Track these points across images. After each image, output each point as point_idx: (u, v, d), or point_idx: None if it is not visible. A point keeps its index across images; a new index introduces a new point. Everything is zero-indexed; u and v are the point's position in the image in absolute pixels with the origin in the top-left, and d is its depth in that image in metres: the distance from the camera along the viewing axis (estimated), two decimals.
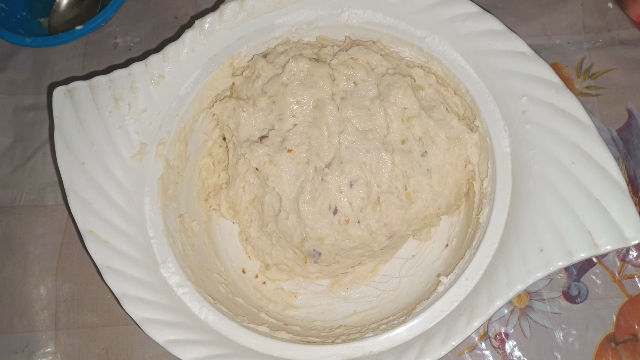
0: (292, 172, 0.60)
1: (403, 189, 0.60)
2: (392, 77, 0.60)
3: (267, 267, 0.66)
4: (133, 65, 0.60)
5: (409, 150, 0.60)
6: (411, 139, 0.60)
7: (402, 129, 0.60)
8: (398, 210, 0.59)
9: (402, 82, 0.60)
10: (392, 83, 0.60)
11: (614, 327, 0.62)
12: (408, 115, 0.60)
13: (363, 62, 0.61)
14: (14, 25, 0.79)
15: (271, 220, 0.63)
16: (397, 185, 0.59)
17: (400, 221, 0.60)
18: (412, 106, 0.59)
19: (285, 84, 0.61)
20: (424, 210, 0.60)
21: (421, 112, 0.59)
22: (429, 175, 0.60)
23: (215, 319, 0.54)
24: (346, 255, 0.61)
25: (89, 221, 0.56)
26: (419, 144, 0.60)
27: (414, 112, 0.59)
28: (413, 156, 0.59)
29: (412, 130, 0.60)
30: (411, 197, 0.60)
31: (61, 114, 0.59)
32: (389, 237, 0.60)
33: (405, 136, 0.60)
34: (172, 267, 0.56)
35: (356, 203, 0.59)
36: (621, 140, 0.68)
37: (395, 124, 0.60)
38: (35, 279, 0.69)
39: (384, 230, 0.60)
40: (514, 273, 0.50)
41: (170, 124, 0.60)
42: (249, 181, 0.64)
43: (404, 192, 0.60)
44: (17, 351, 0.67)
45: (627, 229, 0.48)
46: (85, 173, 0.57)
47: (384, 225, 0.60)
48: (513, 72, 0.56)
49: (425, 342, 0.51)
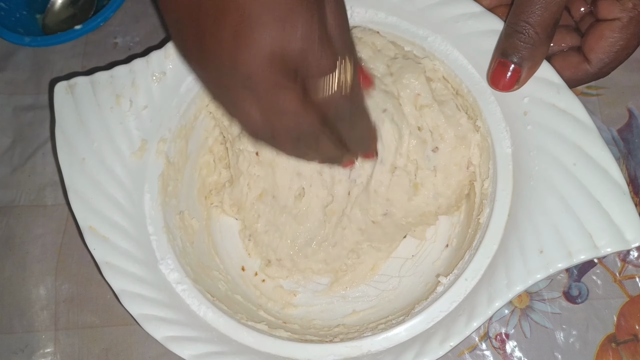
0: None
1: (413, 176, 0.60)
2: (406, 61, 0.60)
3: (268, 263, 0.66)
4: (134, 62, 0.60)
5: (423, 140, 0.60)
6: (426, 128, 0.60)
7: (416, 115, 0.60)
8: (403, 194, 0.60)
9: (416, 67, 0.59)
10: (406, 66, 0.59)
11: (615, 328, 0.62)
12: (420, 103, 0.59)
13: (368, 42, 0.61)
14: (13, 24, 0.79)
15: (289, 200, 0.63)
16: (410, 167, 0.59)
17: (400, 205, 0.60)
18: (425, 94, 0.59)
19: None
20: (423, 207, 0.60)
21: (434, 103, 0.59)
22: (434, 173, 0.60)
23: (213, 316, 0.54)
24: (348, 225, 0.62)
25: (88, 217, 0.56)
26: (432, 137, 0.60)
27: (427, 101, 0.59)
28: (426, 148, 0.60)
29: (425, 120, 0.60)
30: (418, 188, 0.60)
31: (62, 109, 0.59)
32: (384, 214, 0.61)
33: (420, 124, 0.60)
34: (171, 264, 0.56)
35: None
36: (622, 140, 0.68)
37: (408, 107, 0.59)
38: (34, 279, 0.69)
39: (384, 203, 0.60)
40: (514, 274, 0.49)
41: (171, 121, 0.60)
42: (254, 175, 0.64)
43: (414, 179, 0.60)
44: (16, 351, 0.66)
45: (628, 231, 0.47)
46: (85, 169, 0.57)
47: (386, 199, 0.60)
48: None
49: (424, 342, 0.50)
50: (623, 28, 0.53)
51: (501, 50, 0.53)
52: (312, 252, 0.65)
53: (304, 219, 0.64)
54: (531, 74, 0.53)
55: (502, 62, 0.53)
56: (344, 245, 0.64)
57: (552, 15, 0.51)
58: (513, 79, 0.53)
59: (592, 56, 0.55)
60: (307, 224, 0.64)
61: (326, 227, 0.64)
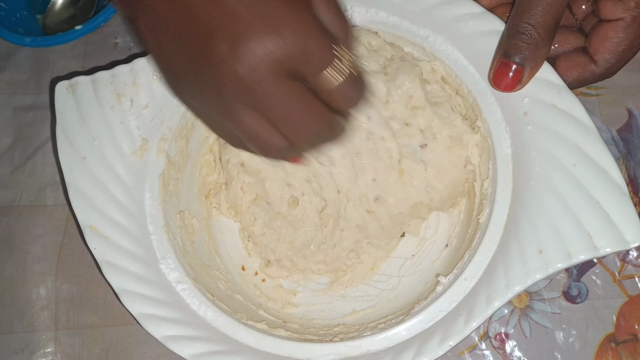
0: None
1: (397, 159, 0.60)
2: (402, 63, 0.60)
3: (267, 263, 0.66)
4: (135, 61, 0.60)
5: (410, 134, 0.60)
6: (415, 126, 0.60)
7: (404, 113, 0.60)
8: (387, 174, 0.60)
9: (411, 69, 0.59)
10: (401, 67, 0.59)
11: (614, 327, 0.62)
12: (413, 104, 0.59)
13: (364, 42, 0.61)
14: (14, 25, 0.79)
15: (282, 207, 0.63)
16: (390, 145, 0.59)
17: (389, 188, 0.60)
18: (418, 96, 0.59)
19: None
20: (414, 197, 0.60)
21: (427, 105, 0.59)
22: (424, 166, 0.60)
23: (213, 315, 0.54)
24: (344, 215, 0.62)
25: (89, 216, 0.56)
26: (422, 135, 0.60)
27: (420, 102, 0.59)
28: (412, 141, 0.60)
29: (416, 120, 0.60)
30: (403, 173, 0.60)
31: (63, 108, 0.59)
32: (376, 199, 0.61)
33: (410, 121, 0.60)
34: (171, 263, 0.56)
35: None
36: (621, 140, 0.68)
37: (398, 105, 0.59)
38: (35, 279, 0.69)
39: (372, 185, 0.60)
40: (513, 274, 0.49)
41: (171, 120, 0.60)
42: (245, 181, 0.65)
43: (397, 164, 0.60)
44: (17, 351, 0.66)
45: (628, 231, 0.47)
46: (86, 168, 0.57)
47: (372, 179, 0.60)
48: None
49: (423, 341, 0.50)
50: (627, 28, 0.53)
51: (503, 50, 0.53)
52: (310, 254, 0.65)
53: (300, 224, 0.64)
54: (533, 74, 0.53)
55: (505, 63, 0.53)
56: (344, 246, 0.64)
57: (553, 16, 0.51)
58: (515, 79, 0.53)
59: (598, 57, 0.55)
60: (304, 228, 0.65)
61: (323, 231, 0.64)
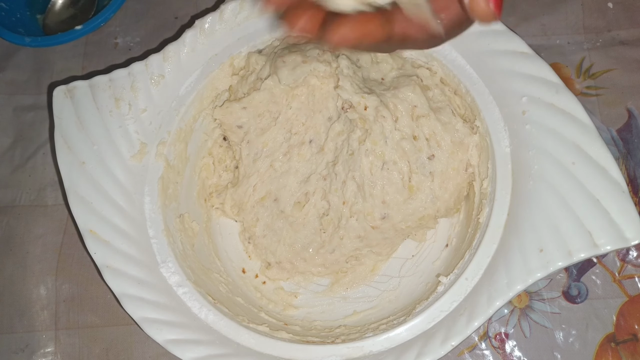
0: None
1: (407, 179, 0.60)
2: (398, 79, 0.61)
3: (268, 266, 0.66)
4: (133, 65, 0.60)
5: (419, 148, 0.60)
6: (422, 137, 0.60)
7: (412, 125, 0.60)
8: (397, 195, 0.60)
9: (409, 81, 0.60)
10: (400, 81, 0.60)
11: (614, 327, 0.62)
12: (417, 114, 0.60)
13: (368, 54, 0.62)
14: (14, 25, 0.79)
15: (288, 205, 0.64)
16: (402, 167, 0.60)
17: (397, 208, 0.60)
18: (421, 105, 0.59)
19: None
20: (422, 211, 0.61)
21: (430, 112, 0.59)
22: (431, 178, 0.60)
23: (215, 318, 0.54)
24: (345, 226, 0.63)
25: (89, 221, 0.56)
26: (428, 145, 0.60)
27: (424, 111, 0.59)
28: (420, 156, 0.60)
29: (422, 130, 0.60)
30: (413, 191, 0.60)
31: (61, 113, 0.59)
32: (383, 218, 0.61)
33: (417, 133, 0.60)
34: (172, 266, 0.56)
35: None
36: (621, 140, 0.68)
37: (406, 120, 0.60)
38: (35, 278, 0.69)
39: (381, 206, 0.61)
40: (514, 273, 0.49)
41: (170, 123, 0.60)
42: (264, 178, 0.65)
43: (408, 182, 0.60)
44: (17, 351, 0.66)
45: (627, 229, 0.47)
46: (85, 173, 0.57)
47: (382, 202, 0.60)
48: (513, 72, 0.55)
49: (425, 342, 0.51)
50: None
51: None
52: (310, 257, 0.65)
53: (300, 226, 0.65)
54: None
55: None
56: (343, 252, 0.64)
57: None
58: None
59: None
60: (303, 231, 0.65)
61: (322, 235, 0.65)
